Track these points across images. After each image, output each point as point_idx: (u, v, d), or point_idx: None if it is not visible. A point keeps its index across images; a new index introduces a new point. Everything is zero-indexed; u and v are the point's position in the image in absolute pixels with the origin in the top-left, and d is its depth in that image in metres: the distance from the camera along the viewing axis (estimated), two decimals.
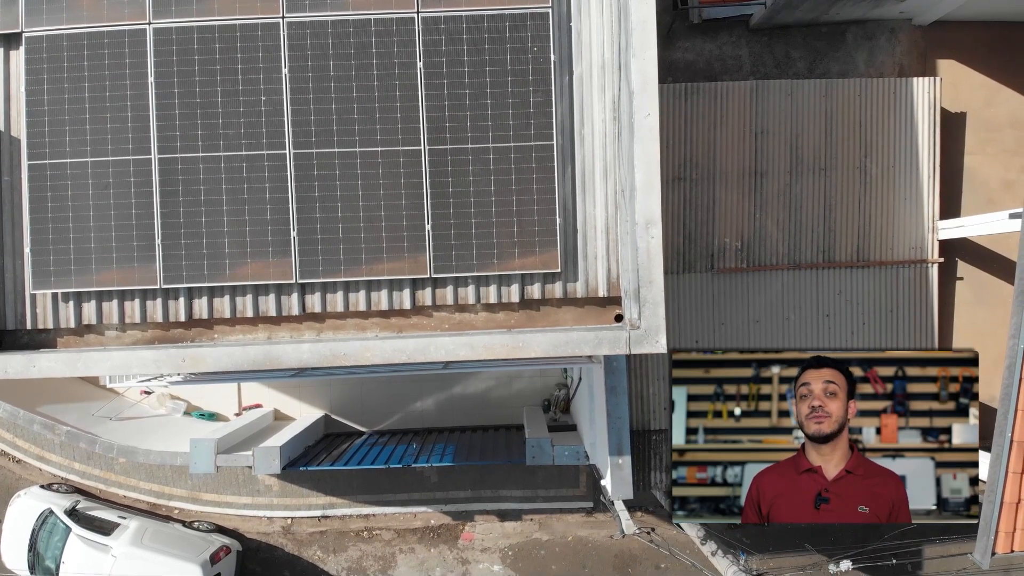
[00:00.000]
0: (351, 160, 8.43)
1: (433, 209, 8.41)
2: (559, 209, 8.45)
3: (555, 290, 8.60)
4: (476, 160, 8.39)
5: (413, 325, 8.64)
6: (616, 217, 8.52)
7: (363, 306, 8.55)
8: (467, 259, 8.41)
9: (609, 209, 8.54)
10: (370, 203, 8.41)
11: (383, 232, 8.38)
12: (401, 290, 8.57)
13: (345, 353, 7.96)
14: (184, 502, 17.62)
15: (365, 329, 8.64)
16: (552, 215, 8.44)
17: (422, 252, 8.41)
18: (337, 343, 8.03)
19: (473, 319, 8.65)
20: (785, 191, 12.94)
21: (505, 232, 8.41)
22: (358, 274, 8.43)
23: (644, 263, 7.96)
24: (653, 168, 8.06)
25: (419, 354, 7.94)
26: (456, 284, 8.59)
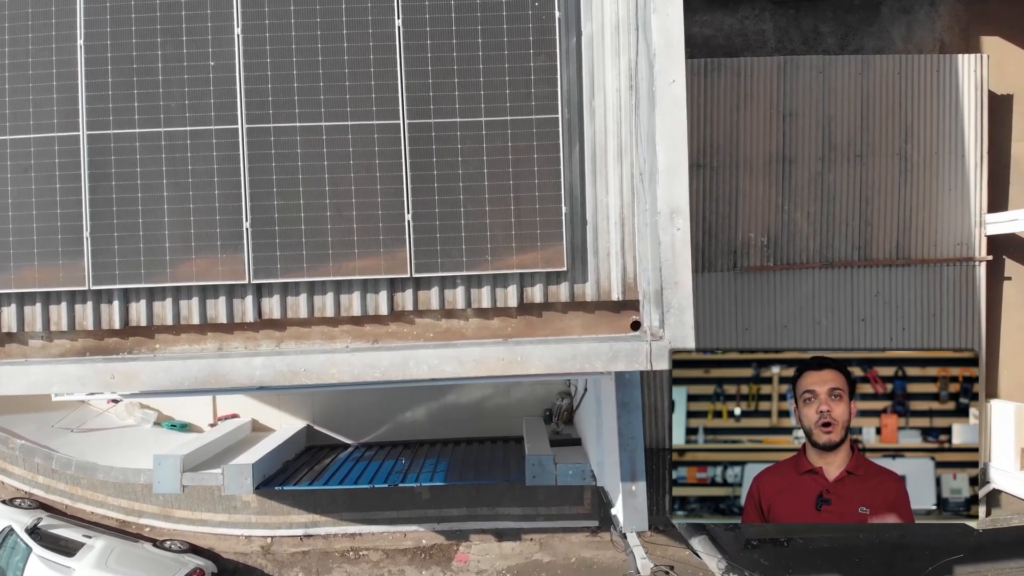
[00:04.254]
0: (316, 136, 7.03)
1: (414, 195, 7.01)
2: (565, 196, 7.06)
3: (560, 292, 7.22)
4: (466, 137, 6.99)
5: (391, 334, 7.26)
6: (633, 206, 7.13)
7: (331, 311, 7.16)
8: (455, 255, 7.02)
9: (625, 196, 7.15)
10: (338, 188, 7.02)
11: (354, 223, 6.99)
12: (376, 292, 7.18)
13: (306, 369, 6.58)
14: (155, 519, 16.66)
15: (333, 339, 7.26)
16: (557, 203, 7.04)
17: (401, 247, 7.01)
18: (297, 356, 6.66)
19: (462, 327, 7.27)
20: (816, 180, 11.65)
21: (501, 223, 7.03)
22: (324, 273, 7.04)
23: (668, 260, 6.58)
24: (679, 146, 6.67)
25: (396, 370, 6.57)
26: (442, 285, 7.21)
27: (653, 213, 6.76)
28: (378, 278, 7.12)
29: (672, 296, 6.57)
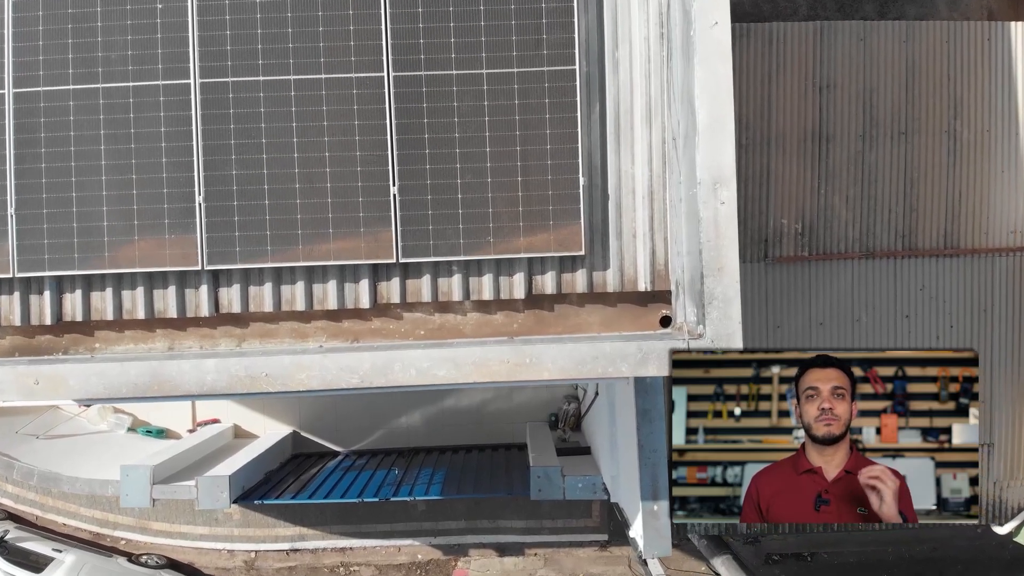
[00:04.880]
0: (282, 92, 5.85)
1: (401, 164, 5.83)
2: (583, 165, 5.88)
3: (576, 281, 6.04)
4: (464, 93, 5.81)
5: (374, 331, 6.07)
6: (665, 176, 5.95)
7: (302, 304, 5.98)
8: (451, 236, 5.83)
9: (654, 165, 5.97)
10: (310, 155, 5.84)
11: (329, 197, 5.81)
12: (356, 281, 6.00)
13: (268, 374, 5.40)
14: (131, 532, 16.00)
15: (305, 337, 6.07)
16: (573, 173, 5.86)
17: (385, 226, 5.83)
18: (258, 359, 5.48)
19: (460, 323, 6.08)
20: (856, 160, 10.50)
21: (505, 198, 5.84)
22: (293, 258, 5.85)
23: (709, 241, 5.39)
24: (723, 101, 5.50)
25: (378, 375, 5.39)
26: (435, 273, 6.03)
27: (690, 184, 5.57)
28: (358, 264, 5.93)
29: (715, 285, 5.37)
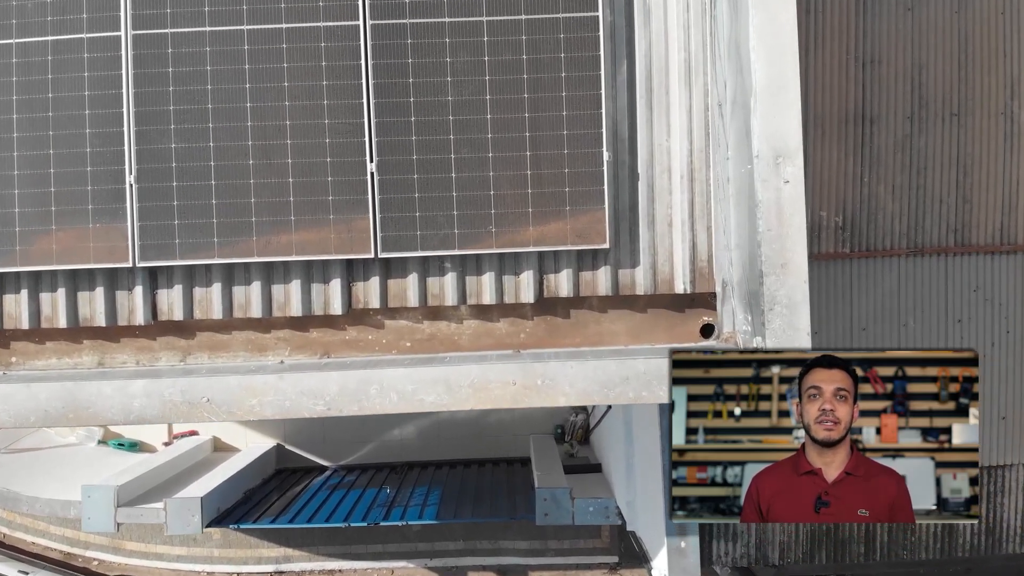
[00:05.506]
0: (233, 46, 4.69)
1: (381, 134, 4.67)
2: (607, 136, 4.72)
3: (598, 282, 4.89)
4: (459, 46, 4.65)
5: (349, 343, 4.92)
6: (708, 150, 4.80)
7: (258, 309, 4.82)
8: (442, 225, 4.68)
9: (695, 137, 4.81)
10: (267, 123, 4.68)
11: (290, 175, 4.65)
12: (325, 280, 4.84)
13: (210, 399, 4.25)
14: (104, 552, 15.02)
15: (264, 350, 4.92)
16: (595, 146, 4.70)
17: (361, 212, 4.67)
18: (199, 380, 4.32)
19: (455, 333, 4.93)
20: (903, 145, 9.38)
21: (511, 177, 4.69)
22: (246, 252, 4.69)
23: (770, 230, 4.24)
24: (787, 54, 4.33)
25: (349, 401, 4.23)
26: (423, 271, 4.87)
27: (741, 159, 4.42)
28: (327, 259, 4.77)
29: (777, 286, 4.22)
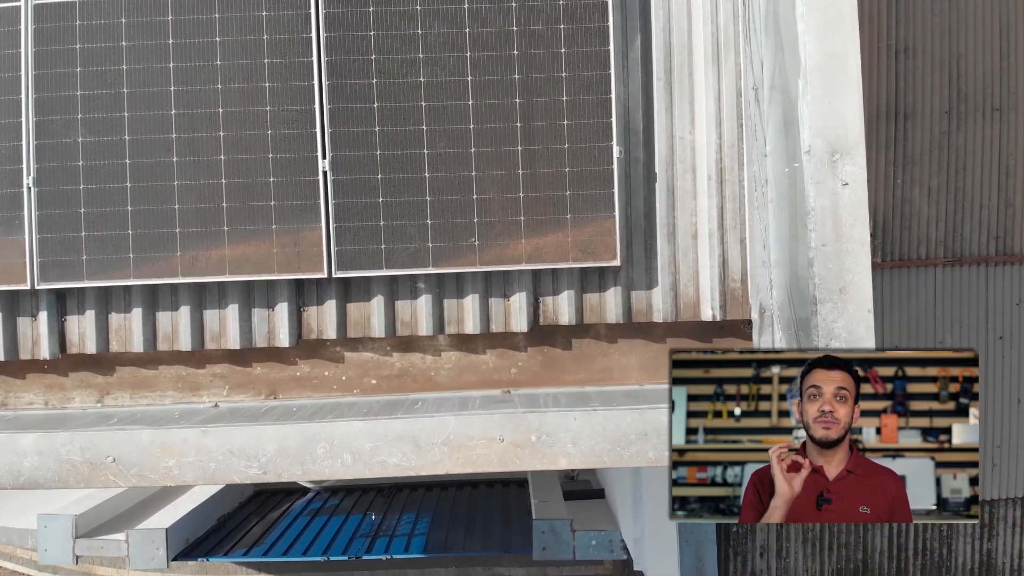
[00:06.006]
0: (155, 17, 3.78)
1: (336, 124, 3.77)
2: (618, 128, 3.81)
3: (606, 305, 3.98)
4: (432, 14, 3.73)
5: (301, 380, 4.02)
6: (741, 146, 3.90)
7: (187, 340, 3.92)
8: (413, 237, 3.77)
9: (725, 128, 3.91)
10: (195, 111, 3.77)
11: (223, 175, 3.74)
12: (269, 305, 3.94)
13: (116, 459, 3.34)
14: None
15: (198, 389, 4.01)
16: (603, 139, 3.79)
17: (311, 220, 3.76)
18: (103, 434, 3.42)
19: (430, 367, 4.03)
20: (941, 143, 8.58)
21: (499, 178, 3.78)
22: (169, 271, 3.78)
23: (826, 244, 3.33)
24: (844, 24, 3.43)
25: (291, 463, 3.33)
26: (391, 293, 3.97)
27: (785, 156, 3.52)
28: (271, 279, 3.86)
29: (834, 316, 3.32)
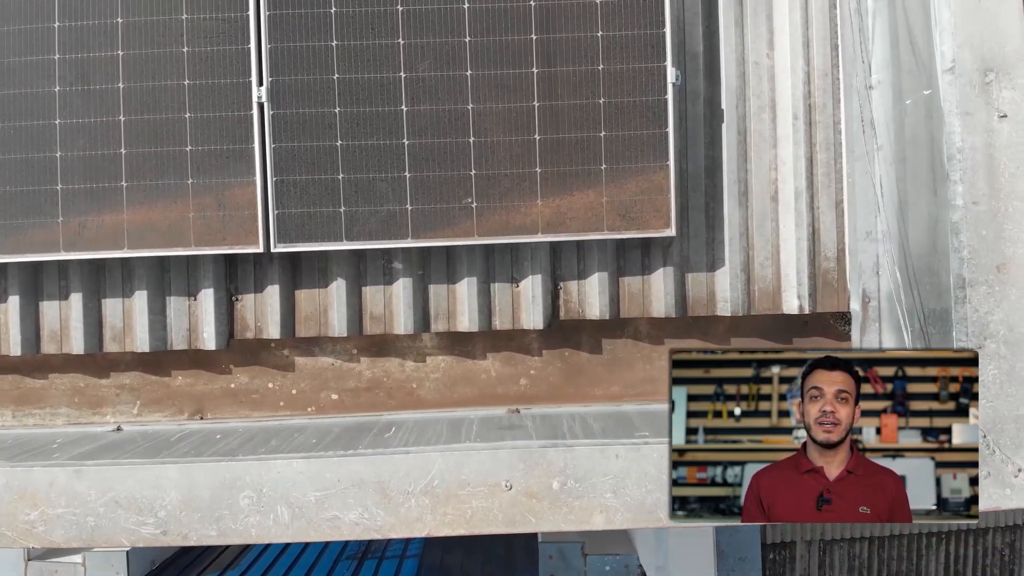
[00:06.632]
0: None
1: (276, 37, 2.71)
2: (673, 45, 2.77)
3: (652, 292, 2.94)
4: None
5: (237, 395, 2.97)
6: (836, 73, 2.86)
7: (80, 340, 2.87)
8: (385, 196, 2.72)
9: (816, 51, 2.87)
10: (85, 22, 2.71)
11: (120, 111, 2.68)
12: (189, 292, 2.88)
13: None
14: None
15: (100, 405, 2.97)
16: (651, 59, 2.73)
17: (242, 173, 2.71)
18: None
19: (411, 377, 2.98)
20: None
21: (503, 112, 2.73)
22: (46, 244, 2.72)
23: (976, 202, 2.29)
24: None
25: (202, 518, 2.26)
26: (357, 275, 2.92)
27: (906, 84, 2.48)
28: (191, 256, 2.81)
29: (990, 304, 2.29)
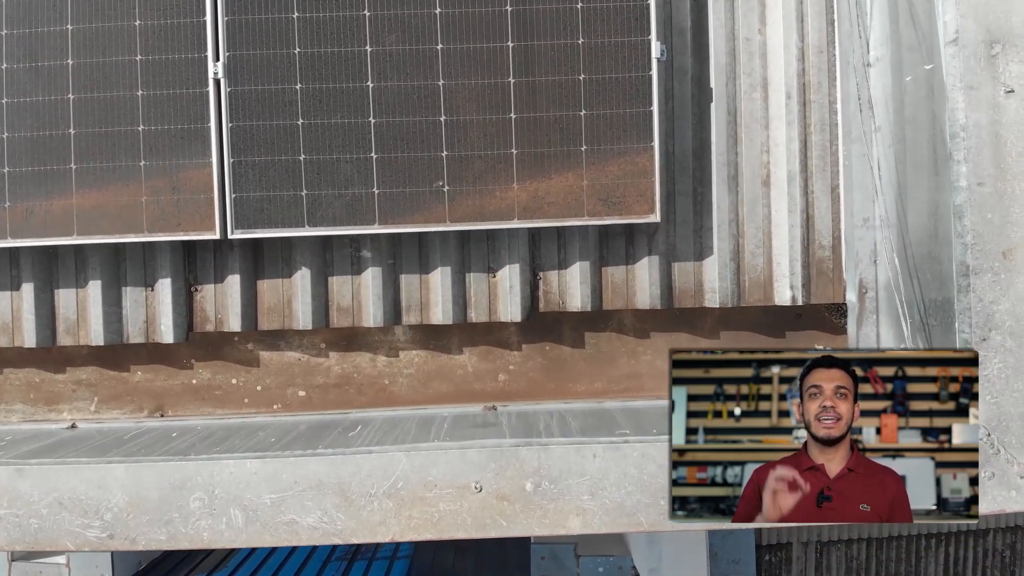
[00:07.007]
0: None
1: (234, 8, 2.55)
2: (656, 18, 2.61)
3: (635, 282, 2.78)
4: None
5: (198, 392, 2.81)
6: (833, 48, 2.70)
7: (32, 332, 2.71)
8: (351, 179, 2.55)
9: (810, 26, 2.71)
10: None
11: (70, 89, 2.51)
12: (145, 282, 2.72)
13: None
14: None
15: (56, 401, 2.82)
16: (635, 32, 2.57)
17: (197, 154, 2.54)
18: None
19: (383, 372, 2.83)
20: None
21: (476, 88, 2.57)
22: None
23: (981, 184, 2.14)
24: None
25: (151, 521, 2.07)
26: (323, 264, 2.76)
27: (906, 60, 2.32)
28: (147, 243, 2.65)
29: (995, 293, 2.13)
